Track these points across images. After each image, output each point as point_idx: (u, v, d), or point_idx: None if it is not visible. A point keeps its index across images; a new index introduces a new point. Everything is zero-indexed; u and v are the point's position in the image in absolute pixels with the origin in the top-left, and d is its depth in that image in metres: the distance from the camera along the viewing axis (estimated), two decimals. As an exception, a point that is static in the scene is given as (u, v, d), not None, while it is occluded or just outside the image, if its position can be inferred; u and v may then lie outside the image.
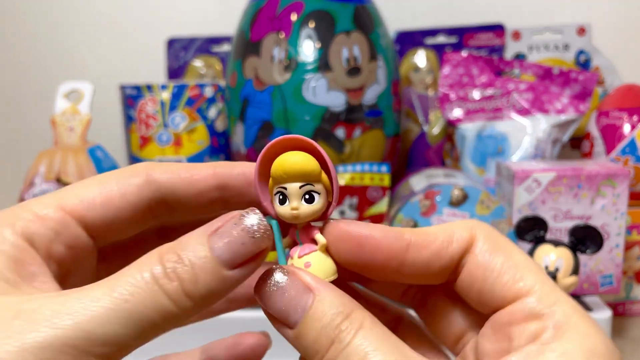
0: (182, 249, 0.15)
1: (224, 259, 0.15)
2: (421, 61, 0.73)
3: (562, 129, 0.61)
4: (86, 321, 0.14)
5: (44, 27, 0.79)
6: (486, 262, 0.18)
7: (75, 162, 0.55)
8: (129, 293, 0.14)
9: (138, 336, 0.14)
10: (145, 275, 0.15)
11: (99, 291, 0.14)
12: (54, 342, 0.13)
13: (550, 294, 0.17)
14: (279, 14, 0.58)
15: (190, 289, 0.15)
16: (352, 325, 0.16)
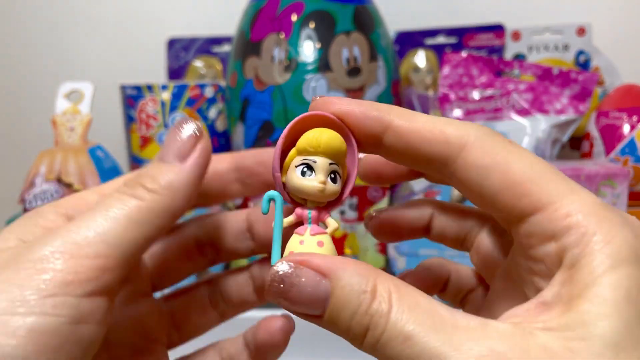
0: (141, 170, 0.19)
1: (170, 159, 0.18)
2: (421, 61, 0.73)
3: (561, 129, 0.61)
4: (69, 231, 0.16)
5: (45, 28, 0.79)
6: (480, 178, 0.16)
7: (75, 162, 0.55)
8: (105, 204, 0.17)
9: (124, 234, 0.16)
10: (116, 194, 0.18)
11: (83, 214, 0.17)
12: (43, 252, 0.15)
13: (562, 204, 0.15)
14: (279, 14, 0.58)
15: (152, 185, 0.18)
16: (382, 304, 0.15)
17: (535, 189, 0.16)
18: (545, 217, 0.15)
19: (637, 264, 0.14)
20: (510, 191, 0.16)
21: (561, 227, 0.15)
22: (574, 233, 0.15)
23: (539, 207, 0.15)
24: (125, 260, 0.16)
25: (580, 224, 0.15)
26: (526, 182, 0.16)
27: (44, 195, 0.54)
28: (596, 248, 0.14)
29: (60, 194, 0.54)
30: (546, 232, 0.15)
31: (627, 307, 0.14)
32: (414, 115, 0.17)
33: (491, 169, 0.16)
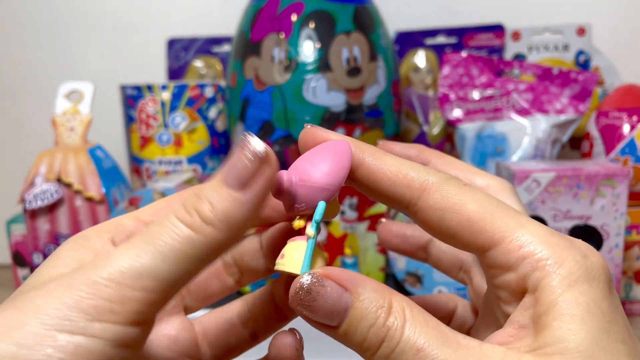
0: (200, 190, 0.17)
1: (231, 182, 0.17)
2: (421, 61, 0.73)
3: (561, 129, 0.61)
4: (120, 259, 0.16)
5: (45, 28, 0.79)
6: (438, 220, 0.18)
7: (75, 162, 0.55)
8: (157, 232, 0.16)
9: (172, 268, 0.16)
10: (171, 218, 0.17)
11: (136, 239, 0.17)
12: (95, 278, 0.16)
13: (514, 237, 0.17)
14: (279, 14, 0.58)
15: (208, 216, 0.17)
16: (398, 319, 0.17)
17: (488, 227, 0.17)
18: (501, 250, 0.17)
19: (588, 281, 0.17)
20: (466, 230, 0.18)
21: (516, 258, 0.17)
22: (530, 261, 0.17)
23: (493, 242, 0.17)
24: (170, 293, 0.17)
25: (534, 252, 0.17)
26: (480, 221, 0.18)
27: (44, 195, 0.54)
28: (552, 270, 0.17)
29: (60, 194, 0.54)
30: (504, 264, 0.17)
31: (590, 320, 0.16)
32: (384, 156, 0.19)
33: (447, 211, 0.18)
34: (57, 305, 0.15)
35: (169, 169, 0.64)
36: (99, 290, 0.15)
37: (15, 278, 0.60)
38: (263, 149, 0.17)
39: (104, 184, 0.55)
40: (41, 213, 0.55)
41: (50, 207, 0.55)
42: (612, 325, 0.16)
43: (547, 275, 0.17)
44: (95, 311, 0.15)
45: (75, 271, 0.16)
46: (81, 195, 0.55)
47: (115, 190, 0.57)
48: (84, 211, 0.55)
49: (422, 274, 0.55)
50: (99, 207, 0.55)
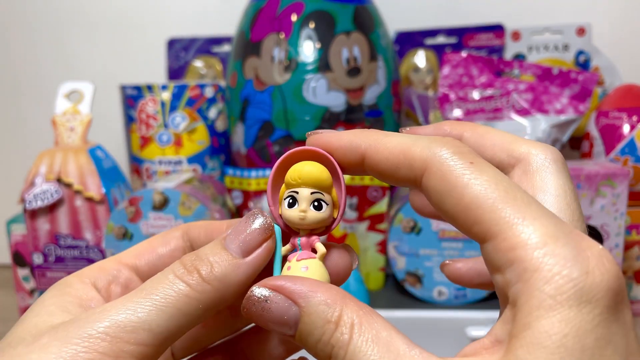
0: (200, 251, 0.18)
1: (233, 248, 0.18)
2: (421, 61, 0.73)
3: (561, 129, 0.61)
4: (117, 313, 0.16)
5: (45, 28, 0.79)
6: (438, 203, 0.16)
7: (75, 162, 0.55)
8: (154, 288, 0.17)
9: (168, 323, 0.17)
10: (169, 275, 0.17)
11: (132, 294, 0.17)
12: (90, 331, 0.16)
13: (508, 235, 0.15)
14: (279, 15, 0.58)
15: (207, 275, 0.17)
16: (344, 335, 0.15)
17: (485, 217, 0.15)
18: (493, 247, 0.15)
19: (579, 305, 0.13)
20: (463, 217, 0.16)
21: (505, 260, 0.15)
22: (516, 268, 0.14)
23: (488, 236, 0.15)
24: (164, 346, 0.17)
25: (523, 258, 0.14)
26: (477, 209, 0.15)
27: (44, 196, 0.54)
28: (536, 286, 0.14)
29: (60, 194, 0.54)
30: (494, 263, 0.15)
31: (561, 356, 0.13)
32: (385, 139, 0.18)
33: (446, 195, 0.16)
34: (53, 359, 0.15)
35: (169, 169, 0.64)
36: (95, 343, 0.16)
37: (16, 278, 0.60)
38: (266, 222, 0.18)
39: (104, 184, 0.55)
40: (41, 213, 0.55)
41: (51, 207, 0.55)
42: None
43: (529, 290, 0.14)
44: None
45: (69, 324, 0.16)
46: (81, 195, 0.55)
47: (116, 190, 0.57)
48: (84, 211, 0.55)
49: (422, 274, 0.55)
50: (99, 207, 0.55)
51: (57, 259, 0.56)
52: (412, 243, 0.55)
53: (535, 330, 0.13)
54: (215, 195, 0.58)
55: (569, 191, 0.18)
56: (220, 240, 0.18)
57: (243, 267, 0.18)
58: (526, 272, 0.14)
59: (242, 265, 0.18)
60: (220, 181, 0.65)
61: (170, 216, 0.51)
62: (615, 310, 0.14)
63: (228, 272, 0.17)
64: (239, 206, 0.64)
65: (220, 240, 0.18)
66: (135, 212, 0.51)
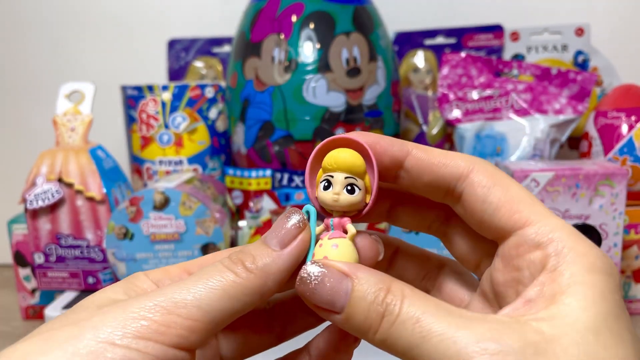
0: (244, 247, 0.21)
1: (273, 243, 0.20)
2: (420, 62, 0.73)
3: (560, 129, 0.62)
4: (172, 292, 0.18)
5: (46, 28, 0.79)
6: (484, 195, 0.20)
7: (76, 162, 0.55)
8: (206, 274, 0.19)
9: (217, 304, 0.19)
10: (218, 265, 0.20)
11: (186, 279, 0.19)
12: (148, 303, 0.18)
13: (546, 222, 0.19)
14: (279, 15, 0.58)
15: (251, 265, 0.20)
16: (396, 296, 0.18)
17: (526, 208, 0.20)
18: (533, 230, 0.19)
19: (607, 273, 0.18)
20: (507, 207, 0.20)
21: (546, 239, 0.19)
22: (556, 245, 0.19)
23: (528, 222, 0.19)
24: (212, 326, 0.19)
25: (561, 238, 0.19)
26: (520, 202, 0.20)
27: (45, 196, 0.54)
28: (575, 258, 0.18)
29: (61, 194, 0.54)
30: (533, 242, 0.19)
31: (602, 303, 0.17)
32: (429, 147, 0.22)
33: (493, 188, 0.20)
34: (111, 322, 0.17)
35: (170, 169, 0.65)
36: (150, 313, 0.18)
37: (17, 278, 0.60)
38: (301, 218, 0.21)
39: (105, 184, 0.55)
40: (42, 213, 0.55)
41: (52, 207, 0.55)
42: (622, 313, 0.17)
43: (569, 262, 0.18)
44: (145, 330, 0.17)
45: (130, 299, 0.19)
46: (82, 195, 0.55)
47: (116, 190, 0.57)
48: (85, 211, 0.55)
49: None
50: (100, 207, 0.55)
51: (58, 258, 0.56)
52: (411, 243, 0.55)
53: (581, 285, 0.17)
54: (215, 195, 0.58)
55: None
56: (262, 238, 0.21)
57: (282, 257, 0.20)
58: (565, 248, 0.18)
59: (281, 256, 0.20)
60: (221, 181, 0.65)
61: (171, 216, 0.51)
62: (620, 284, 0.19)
63: (268, 262, 0.20)
64: (239, 206, 0.64)
65: (262, 238, 0.21)
66: (136, 212, 0.51)
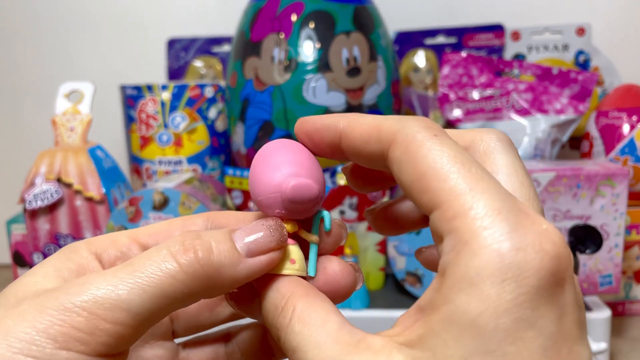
0: (205, 234, 0.17)
1: (240, 243, 0.17)
2: (421, 61, 0.73)
3: (561, 129, 0.61)
4: (97, 288, 0.16)
5: (45, 28, 0.79)
6: (398, 173, 0.16)
7: (75, 162, 0.55)
8: (142, 264, 0.16)
9: (149, 304, 0.16)
10: (162, 251, 0.17)
11: (119, 268, 0.16)
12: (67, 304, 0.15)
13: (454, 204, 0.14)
14: (279, 15, 0.58)
15: (202, 258, 0.16)
16: (285, 318, 0.17)
17: (434, 186, 0.15)
18: (437, 215, 0.15)
19: (501, 283, 0.13)
20: (416, 186, 0.15)
21: (445, 229, 0.14)
22: (452, 238, 0.14)
23: (436, 204, 0.15)
24: (143, 328, 0.16)
25: (460, 228, 0.14)
26: (429, 178, 0.15)
27: (44, 195, 0.54)
28: (464, 259, 0.13)
29: (60, 194, 0.54)
30: (436, 233, 0.15)
31: (471, 338, 0.13)
32: (361, 118, 0.18)
33: (405, 163, 0.16)
34: (26, 329, 0.15)
35: (169, 169, 0.64)
36: (70, 317, 0.15)
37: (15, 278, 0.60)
38: (283, 238, 0.18)
39: (104, 184, 0.55)
40: (41, 213, 0.55)
41: (51, 207, 0.55)
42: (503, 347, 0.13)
43: (457, 261, 0.14)
44: (63, 339, 0.15)
45: (50, 292, 0.16)
46: (81, 195, 0.55)
47: (116, 190, 0.57)
48: (84, 211, 0.55)
49: (422, 274, 0.55)
50: (99, 207, 0.55)
51: (57, 259, 0.56)
52: (412, 243, 0.55)
53: (453, 305, 0.13)
54: (215, 195, 0.58)
55: (520, 169, 0.17)
56: (230, 230, 0.18)
57: (243, 265, 0.17)
58: (459, 243, 0.14)
59: (242, 264, 0.17)
60: (220, 181, 0.65)
61: (170, 216, 0.51)
62: (548, 292, 0.13)
63: (225, 263, 0.17)
64: (239, 206, 0.64)
65: (230, 231, 0.18)
66: (135, 212, 0.51)
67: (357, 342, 0.15)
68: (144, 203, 0.51)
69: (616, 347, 0.52)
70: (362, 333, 0.15)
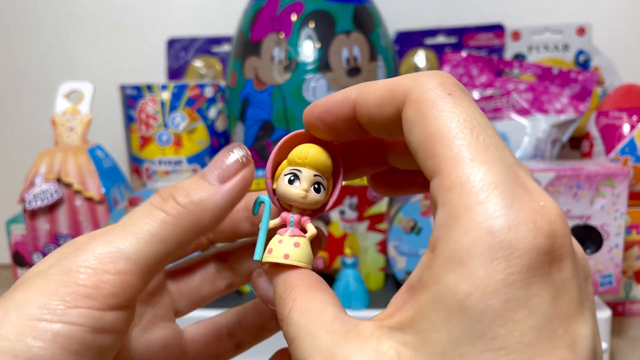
0: (178, 183, 0.18)
1: (210, 177, 0.18)
2: (421, 61, 0.73)
3: (561, 129, 0.61)
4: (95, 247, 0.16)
5: (45, 28, 0.79)
6: (407, 133, 0.15)
7: (75, 162, 0.55)
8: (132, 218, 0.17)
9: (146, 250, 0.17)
10: (146, 206, 0.18)
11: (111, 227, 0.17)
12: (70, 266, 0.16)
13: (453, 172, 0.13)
14: (279, 14, 0.58)
15: (183, 200, 0.17)
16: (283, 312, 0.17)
17: (439, 151, 0.14)
18: (436, 183, 0.14)
19: (490, 262, 0.12)
20: (422, 149, 0.15)
21: (440, 200, 0.14)
22: (445, 211, 0.13)
23: (437, 171, 0.14)
24: (147, 275, 0.17)
25: (453, 202, 0.13)
26: (435, 142, 0.14)
27: (44, 195, 0.54)
28: (455, 235, 0.13)
29: (60, 194, 0.54)
30: (433, 202, 0.14)
31: (459, 320, 0.12)
32: (373, 83, 0.17)
33: (415, 124, 0.15)
34: (35, 296, 0.15)
35: (169, 169, 0.64)
36: (74, 277, 0.16)
37: (15, 278, 0.60)
38: (244, 153, 0.18)
39: (104, 184, 0.55)
40: (41, 213, 0.55)
41: (50, 207, 0.55)
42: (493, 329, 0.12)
43: (448, 238, 0.13)
44: (72, 298, 0.15)
45: (52, 266, 0.17)
46: (81, 195, 0.55)
47: (115, 190, 0.57)
48: (83, 211, 0.55)
49: (422, 274, 0.55)
50: (98, 207, 0.55)
51: (56, 259, 0.56)
52: (412, 243, 0.55)
53: (441, 286, 0.13)
54: (215, 195, 0.58)
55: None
56: (199, 173, 0.19)
57: (220, 192, 0.18)
58: (451, 218, 0.13)
59: (220, 191, 0.18)
60: (220, 181, 0.65)
61: (170, 216, 0.51)
62: (541, 270, 0.12)
63: (205, 197, 0.18)
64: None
65: (199, 173, 0.19)
66: None
67: (348, 331, 0.15)
68: (143, 203, 0.51)
69: (616, 347, 0.52)
70: (355, 321, 0.15)
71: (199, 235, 0.18)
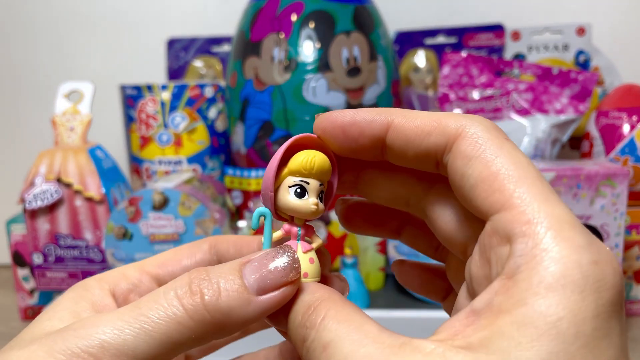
0: (212, 271, 0.17)
1: (250, 280, 0.16)
2: (421, 61, 0.73)
3: (561, 129, 0.61)
4: (104, 332, 0.15)
5: (45, 28, 0.79)
6: (463, 167, 0.16)
7: (75, 162, 0.55)
8: (148, 308, 0.16)
9: (154, 350, 0.16)
10: (170, 293, 0.16)
11: (126, 309, 0.16)
12: (74, 349, 0.15)
13: (528, 208, 0.14)
14: (279, 15, 0.58)
15: (210, 302, 0.16)
16: (318, 316, 0.16)
17: (508, 187, 0.15)
18: (508, 217, 0.15)
19: (581, 292, 0.13)
20: (485, 184, 0.15)
21: (518, 232, 0.14)
22: (528, 242, 0.14)
23: (506, 205, 0.15)
24: None
25: (537, 234, 0.14)
26: (502, 179, 0.15)
27: (44, 195, 0.54)
28: (543, 264, 0.14)
29: (60, 194, 0.54)
30: (505, 233, 0.15)
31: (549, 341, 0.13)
32: (415, 113, 0.18)
33: (475, 159, 0.16)
34: None
35: (169, 169, 0.64)
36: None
37: (15, 278, 0.60)
38: (295, 266, 0.17)
39: (104, 184, 0.55)
40: (41, 213, 0.55)
41: (50, 207, 0.55)
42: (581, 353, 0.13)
43: (535, 266, 0.14)
44: None
45: (59, 334, 0.16)
46: (81, 195, 0.55)
47: (115, 190, 0.57)
48: (83, 211, 0.55)
49: (422, 274, 0.55)
50: (98, 207, 0.55)
51: (56, 259, 0.56)
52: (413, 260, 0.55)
53: (530, 308, 0.13)
54: (215, 195, 0.58)
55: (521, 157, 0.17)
56: (240, 265, 0.17)
57: (253, 304, 0.16)
58: (536, 248, 0.14)
59: (253, 303, 0.16)
60: (220, 181, 0.65)
61: (170, 216, 0.51)
62: (617, 306, 0.14)
63: (235, 306, 0.16)
64: (238, 206, 0.64)
65: (240, 265, 0.17)
66: (135, 212, 0.51)
67: (402, 344, 0.14)
68: (143, 203, 0.51)
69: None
70: (406, 337, 0.15)
71: (215, 339, 0.17)
